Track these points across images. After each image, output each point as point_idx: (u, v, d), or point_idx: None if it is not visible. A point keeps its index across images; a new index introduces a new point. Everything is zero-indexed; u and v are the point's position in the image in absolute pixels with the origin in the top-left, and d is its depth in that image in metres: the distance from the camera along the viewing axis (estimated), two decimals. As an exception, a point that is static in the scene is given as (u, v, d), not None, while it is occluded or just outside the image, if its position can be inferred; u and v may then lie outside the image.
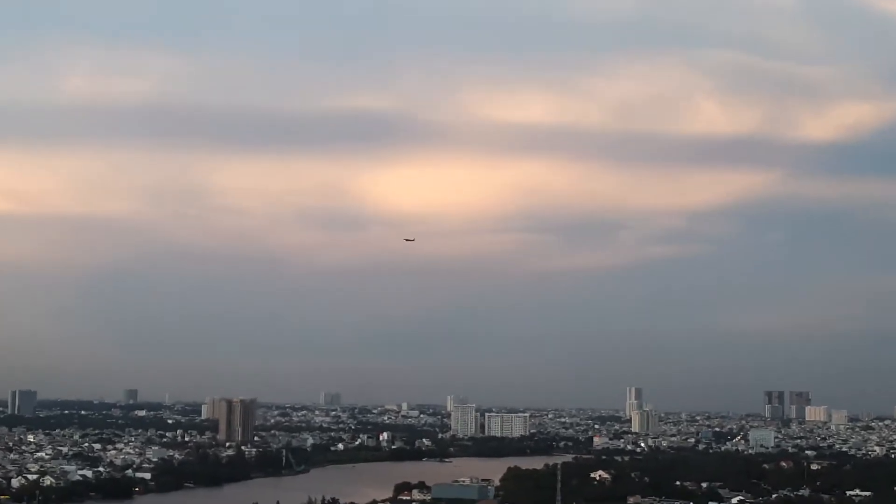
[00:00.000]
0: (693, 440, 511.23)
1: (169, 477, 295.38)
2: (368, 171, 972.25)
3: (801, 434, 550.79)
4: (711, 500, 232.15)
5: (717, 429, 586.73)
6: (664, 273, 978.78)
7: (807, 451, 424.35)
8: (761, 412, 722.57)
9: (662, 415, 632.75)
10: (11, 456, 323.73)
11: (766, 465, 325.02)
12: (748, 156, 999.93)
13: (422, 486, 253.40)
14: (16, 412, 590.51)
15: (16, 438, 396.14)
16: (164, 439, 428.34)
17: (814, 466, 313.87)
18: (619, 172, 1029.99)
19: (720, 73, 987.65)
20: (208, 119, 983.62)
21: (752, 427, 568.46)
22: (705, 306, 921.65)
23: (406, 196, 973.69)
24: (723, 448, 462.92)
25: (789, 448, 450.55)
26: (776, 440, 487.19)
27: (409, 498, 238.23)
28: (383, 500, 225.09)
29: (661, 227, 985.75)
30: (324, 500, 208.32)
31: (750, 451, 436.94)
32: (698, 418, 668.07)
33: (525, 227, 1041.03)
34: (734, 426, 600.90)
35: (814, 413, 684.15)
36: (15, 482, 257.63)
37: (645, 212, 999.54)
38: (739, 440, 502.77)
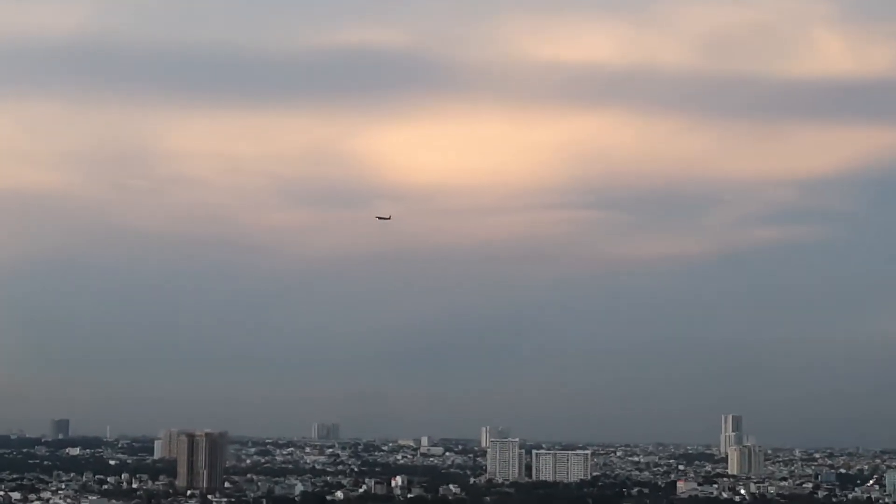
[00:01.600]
0: (811, 486, 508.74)
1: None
2: (370, 130, 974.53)
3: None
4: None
5: (843, 470, 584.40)
6: (770, 263, 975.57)
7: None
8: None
9: (769, 451, 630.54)
10: None
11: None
12: (880, 106, 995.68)
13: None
14: None
15: None
16: (105, 486, 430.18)
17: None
18: (709, 129, 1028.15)
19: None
20: (157, 61, 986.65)
21: (889, 468, 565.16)
22: (825, 307, 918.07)
23: (421, 162, 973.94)
24: (851, 495, 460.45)
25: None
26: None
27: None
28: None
29: (766, 201, 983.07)
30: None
31: (887, 501, 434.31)
32: (817, 456, 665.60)
33: (582, 203, 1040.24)
34: (865, 466, 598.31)
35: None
36: None
37: (744, 182, 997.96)
38: (873, 485, 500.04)
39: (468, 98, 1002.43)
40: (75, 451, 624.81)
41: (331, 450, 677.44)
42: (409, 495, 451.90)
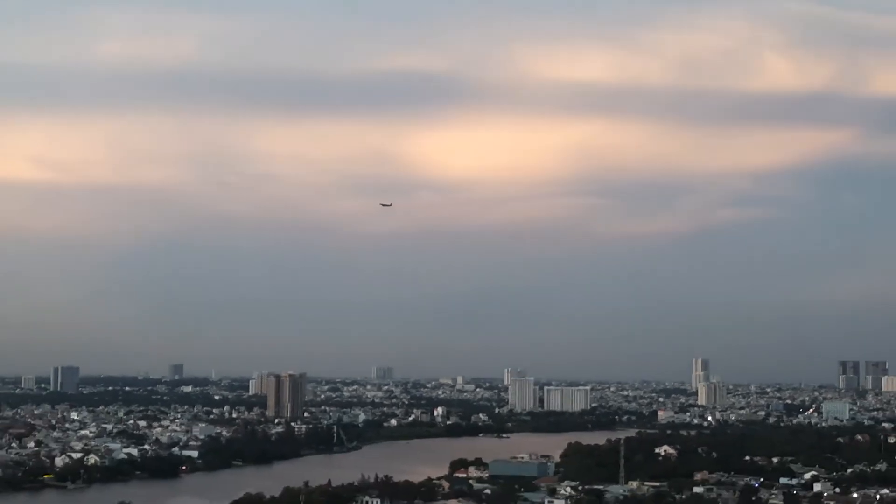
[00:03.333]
0: (763, 413, 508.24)
1: (216, 455, 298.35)
2: (416, 135, 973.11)
3: (878, 406, 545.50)
4: (783, 476, 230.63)
5: (789, 401, 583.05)
6: (731, 239, 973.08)
7: (884, 424, 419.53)
8: (835, 383, 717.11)
9: (730, 387, 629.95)
10: (55, 434, 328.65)
11: (840, 439, 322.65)
12: (819, 113, 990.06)
13: (478, 464, 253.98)
14: (58, 389, 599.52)
15: (59, 416, 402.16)
16: (211, 416, 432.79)
17: (891, 440, 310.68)
18: (683, 132, 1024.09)
19: (790, 25, 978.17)
20: (249, 82, 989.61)
21: (825, 399, 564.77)
22: (774, 273, 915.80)
23: (456, 160, 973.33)
24: (794, 421, 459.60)
25: (865, 421, 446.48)
26: (851, 412, 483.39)
27: (465, 475, 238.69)
28: (439, 478, 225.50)
29: (727, 190, 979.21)
30: (377, 478, 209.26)
31: (823, 425, 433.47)
32: (768, 390, 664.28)
33: (583, 192, 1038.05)
34: (806, 398, 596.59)
35: (891, 384, 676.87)
36: (59, 461, 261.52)
37: (710, 174, 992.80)
38: (812, 413, 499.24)
39: (490, 109, 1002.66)
40: (188, 389, 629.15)
41: (386, 387, 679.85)
42: (447, 422, 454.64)
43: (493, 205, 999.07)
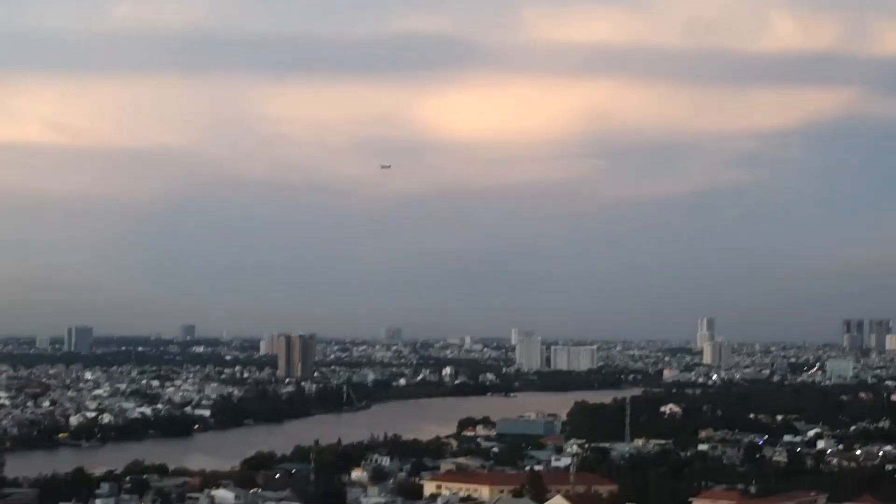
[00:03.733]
0: (767, 372, 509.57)
1: (228, 414, 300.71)
2: (425, 97, 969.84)
3: (882, 364, 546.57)
4: (787, 434, 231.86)
5: (793, 360, 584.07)
6: (737, 199, 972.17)
7: (887, 382, 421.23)
8: (839, 342, 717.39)
9: (735, 346, 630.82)
10: (69, 393, 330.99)
11: (843, 397, 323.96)
12: (825, 73, 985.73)
13: (486, 422, 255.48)
14: (72, 349, 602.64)
15: (73, 376, 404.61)
16: (223, 376, 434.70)
17: (894, 397, 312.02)
18: (689, 94, 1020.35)
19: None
20: (260, 45, 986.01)
21: (829, 357, 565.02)
22: (780, 233, 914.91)
23: (465, 123, 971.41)
24: (798, 380, 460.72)
25: (868, 379, 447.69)
26: (855, 371, 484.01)
27: (473, 434, 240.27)
28: (447, 437, 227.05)
29: (733, 150, 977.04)
30: (386, 436, 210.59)
31: (827, 383, 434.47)
32: (773, 349, 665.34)
33: (590, 153, 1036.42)
34: (811, 357, 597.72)
35: (895, 342, 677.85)
36: (73, 420, 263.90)
37: (716, 135, 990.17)
38: (816, 371, 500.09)
39: (502, 72, 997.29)
40: (199, 349, 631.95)
41: (395, 347, 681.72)
42: (455, 381, 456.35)
43: (500, 166, 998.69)
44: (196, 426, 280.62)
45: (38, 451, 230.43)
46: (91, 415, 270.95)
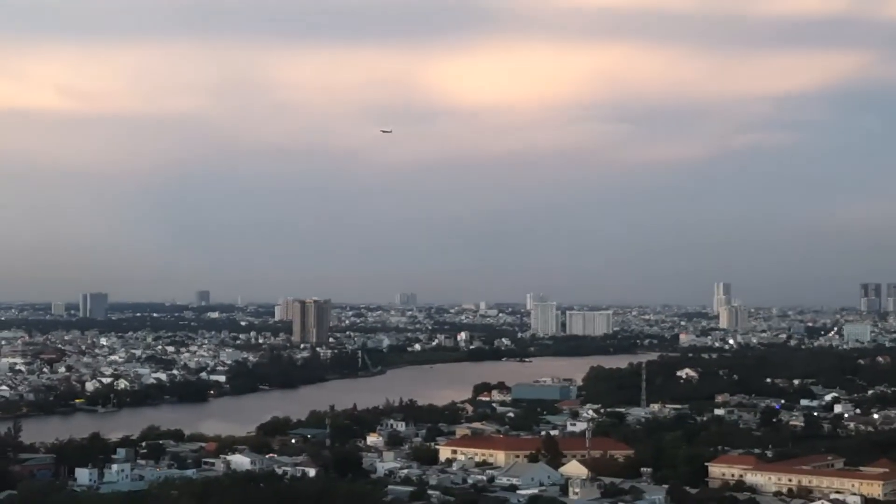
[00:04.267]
0: (784, 336, 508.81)
1: (243, 379, 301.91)
2: (436, 61, 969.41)
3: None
4: (803, 398, 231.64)
5: (810, 324, 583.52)
6: (753, 163, 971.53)
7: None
8: (857, 305, 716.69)
9: (752, 310, 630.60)
10: (85, 359, 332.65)
11: (861, 361, 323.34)
12: (840, 37, 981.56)
13: (502, 387, 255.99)
14: (87, 315, 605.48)
15: (88, 342, 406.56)
16: (238, 341, 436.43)
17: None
18: (705, 57, 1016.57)
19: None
20: (270, 12, 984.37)
21: (846, 321, 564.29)
22: (796, 197, 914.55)
23: (477, 86, 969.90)
24: (815, 344, 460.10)
25: (886, 343, 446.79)
26: (872, 335, 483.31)
27: (488, 399, 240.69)
28: (462, 402, 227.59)
29: (748, 113, 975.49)
30: (401, 401, 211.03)
31: (844, 347, 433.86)
32: (790, 313, 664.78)
33: (605, 117, 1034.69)
34: (828, 321, 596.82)
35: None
36: (89, 385, 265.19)
37: (731, 98, 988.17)
38: (833, 335, 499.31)
39: (515, 35, 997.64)
40: (214, 315, 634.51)
41: (410, 312, 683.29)
42: (470, 346, 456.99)
43: (514, 131, 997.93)
44: (211, 391, 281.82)
45: (54, 416, 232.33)
46: (107, 380, 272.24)
